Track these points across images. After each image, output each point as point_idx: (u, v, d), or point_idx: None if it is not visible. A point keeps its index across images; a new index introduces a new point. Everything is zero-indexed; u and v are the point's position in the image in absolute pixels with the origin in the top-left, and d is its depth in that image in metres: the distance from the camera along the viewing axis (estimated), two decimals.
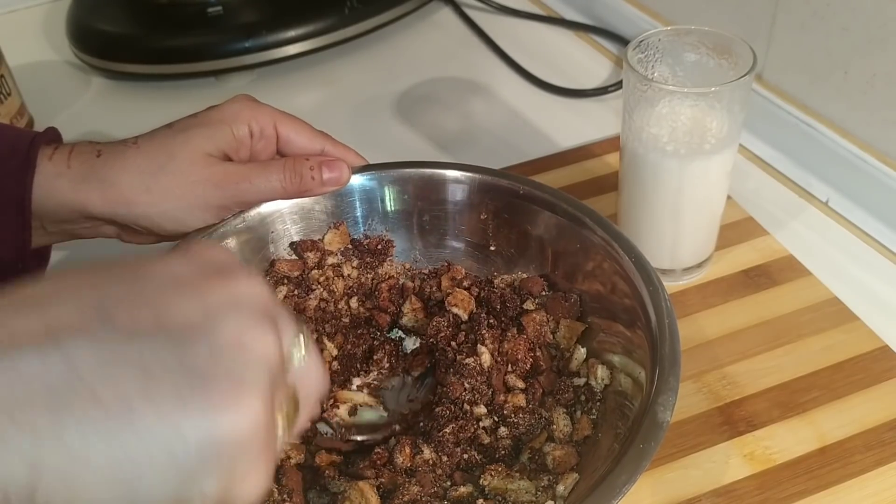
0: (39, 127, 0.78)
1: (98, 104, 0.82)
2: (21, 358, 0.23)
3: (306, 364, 0.29)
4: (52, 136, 0.48)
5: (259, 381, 0.25)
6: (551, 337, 0.49)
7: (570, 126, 0.73)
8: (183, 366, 0.24)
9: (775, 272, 0.56)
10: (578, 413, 0.45)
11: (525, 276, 0.52)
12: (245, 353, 0.25)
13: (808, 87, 0.64)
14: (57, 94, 0.84)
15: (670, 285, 0.56)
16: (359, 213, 0.54)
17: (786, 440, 0.46)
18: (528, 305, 0.50)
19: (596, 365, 0.46)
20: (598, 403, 0.45)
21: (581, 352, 0.48)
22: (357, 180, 0.52)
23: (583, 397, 0.46)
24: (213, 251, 0.29)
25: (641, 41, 0.51)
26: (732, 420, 0.48)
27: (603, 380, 0.46)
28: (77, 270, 0.26)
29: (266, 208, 0.50)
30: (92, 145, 0.47)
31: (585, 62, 0.82)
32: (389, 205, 0.54)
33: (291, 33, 0.80)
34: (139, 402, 0.23)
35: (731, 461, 0.46)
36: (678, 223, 0.54)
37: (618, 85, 0.76)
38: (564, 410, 0.46)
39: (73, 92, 0.84)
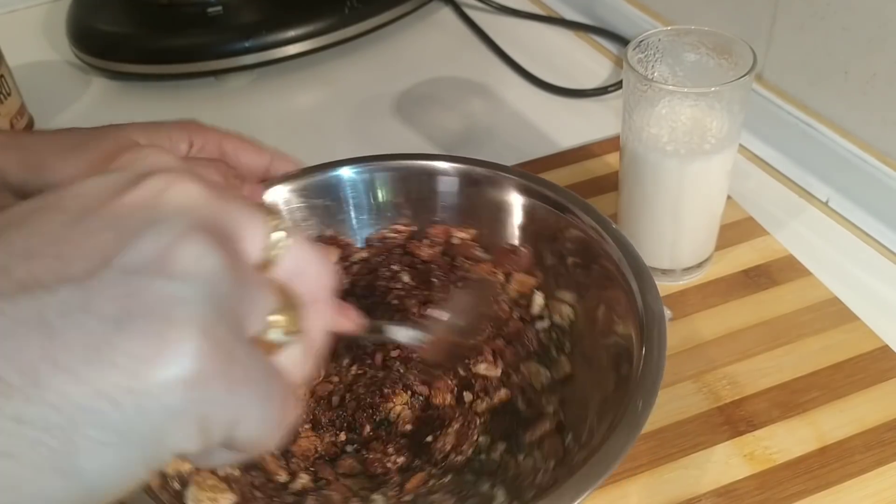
0: (40, 127, 0.78)
1: (98, 104, 0.82)
2: None
3: (293, 255, 0.25)
4: None
5: (191, 306, 0.21)
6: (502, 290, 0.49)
7: (570, 126, 0.73)
8: (92, 313, 0.20)
9: (775, 272, 0.56)
10: (554, 352, 0.47)
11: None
12: (169, 275, 0.21)
13: (808, 87, 0.64)
14: (57, 94, 0.84)
15: (670, 285, 0.56)
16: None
17: (786, 440, 0.46)
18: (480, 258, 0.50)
19: (559, 304, 0.48)
20: (570, 338, 0.47)
21: (539, 296, 0.49)
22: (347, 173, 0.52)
23: (554, 335, 0.47)
24: (147, 153, 0.25)
25: (641, 41, 0.51)
26: (732, 420, 0.48)
27: (568, 316, 0.47)
28: None
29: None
30: (27, 128, 0.47)
31: (585, 62, 0.82)
32: (381, 196, 0.53)
33: (291, 33, 0.80)
34: (45, 369, 0.19)
35: (731, 461, 0.46)
36: (678, 223, 0.54)
37: (618, 85, 0.76)
38: (536, 360, 0.47)
39: (73, 92, 0.84)
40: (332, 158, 0.55)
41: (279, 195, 0.50)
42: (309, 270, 0.25)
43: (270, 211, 0.25)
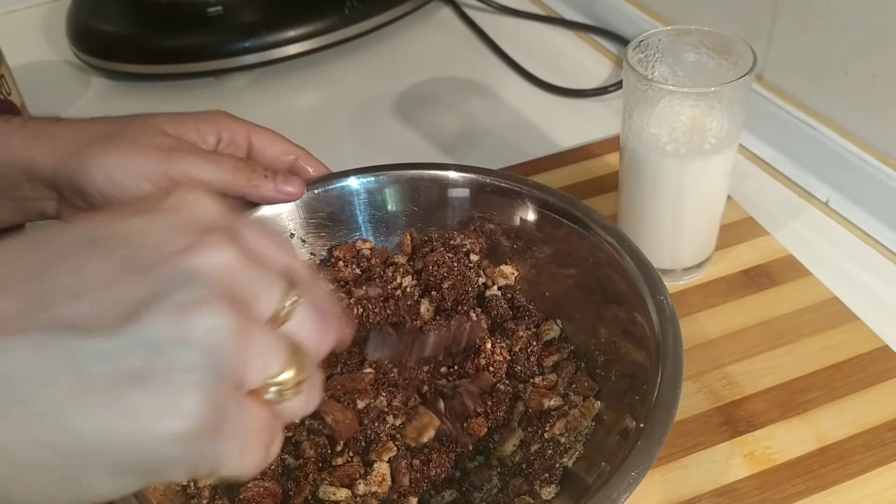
0: None
1: (98, 104, 0.82)
2: None
3: (305, 313, 0.27)
4: (5, 108, 0.48)
5: (198, 374, 0.23)
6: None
7: (570, 126, 0.73)
8: (116, 364, 0.23)
9: (775, 272, 0.56)
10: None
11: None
12: (184, 343, 0.23)
13: (808, 87, 0.64)
14: (57, 94, 0.84)
15: (670, 285, 0.56)
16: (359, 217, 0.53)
17: (786, 440, 0.46)
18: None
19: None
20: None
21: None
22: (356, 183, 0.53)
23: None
24: (193, 199, 0.27)
25: (641, 41, 0.51)
26: (732, 420, 0.48)
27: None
28: (26, 244, 0.25)
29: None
30: (54, 116, 0.46)
31: (585, 62, 0.82)
32: (390, 206, 0.54)
33: (291, 33, 0.80)
34: (71, 407, 0.22)
35: (731, 461, 0.46)
36: (678, 223, 0.54)
37: (618, 85, 0.76)
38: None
39: (73, 92, 0.84)
40: (333, 158, 0.55)
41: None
42: (309, 338, 0.28)
43: (290, 278, 0.27)
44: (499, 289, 0.52)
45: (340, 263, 0.52)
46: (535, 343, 0.48)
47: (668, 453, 0.46)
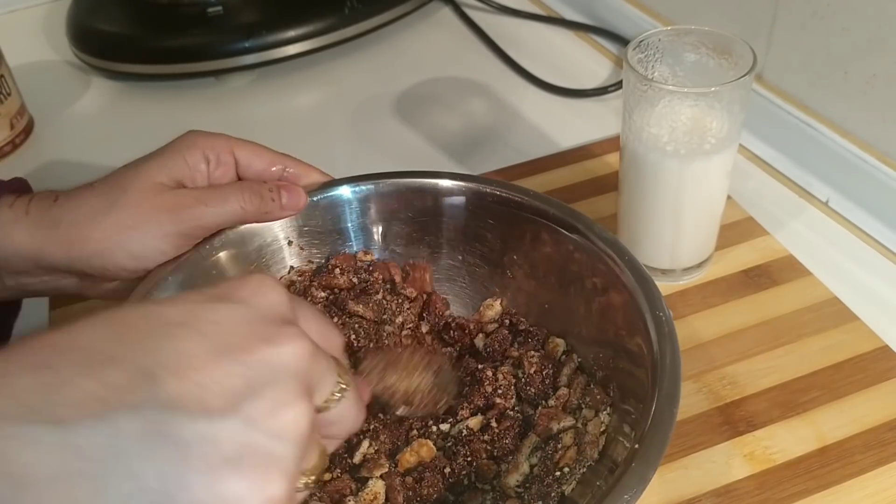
0: (40, 127, 0.79)
1: (98, 104, 0.82)
2: (77, 432, 0.23)
3: (342, 408, 0.30)
4: (17, 186, 0.47)
5: (283, 463, 0.26)
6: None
7: (570, 126, 0.73)
8: (216, 448, 0.25)
9: (775, 272, 0.56)
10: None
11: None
12: (275, 435, 0.26)
13: (808, 87, 0.64)
14: (57, 94, 0.84)
15: (670, 285, 0.56)
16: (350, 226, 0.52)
17: (786, 440, 0.46)
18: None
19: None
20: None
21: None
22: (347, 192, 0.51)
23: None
24: (265, 291, 0.29)
25: (641, 41, 0.51)
26: (732, 420, 0.48)
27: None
28: (123, 317, 0.27)
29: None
30: (51, 193, 0.45)
31: (585, 62, 0.82)
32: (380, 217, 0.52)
33: (291, 33, 0.80)
34: (174, 484, 0.24)
35: (731, 461, 0.46)
36: (678, 223, 0.54)
37: (618, 85, 0.76)
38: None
39: (73, 92, 0.84)
40: (333, 158, 0.54)
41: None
42: (344, 423, 0.31)
43: (341, 366, 0.31)
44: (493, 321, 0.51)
45: (337, 271, 0.51)
46: (547, 363, 0.47)
47: (668, 453, 0.45)
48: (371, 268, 0.52)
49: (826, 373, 0.50)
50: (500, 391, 0.46)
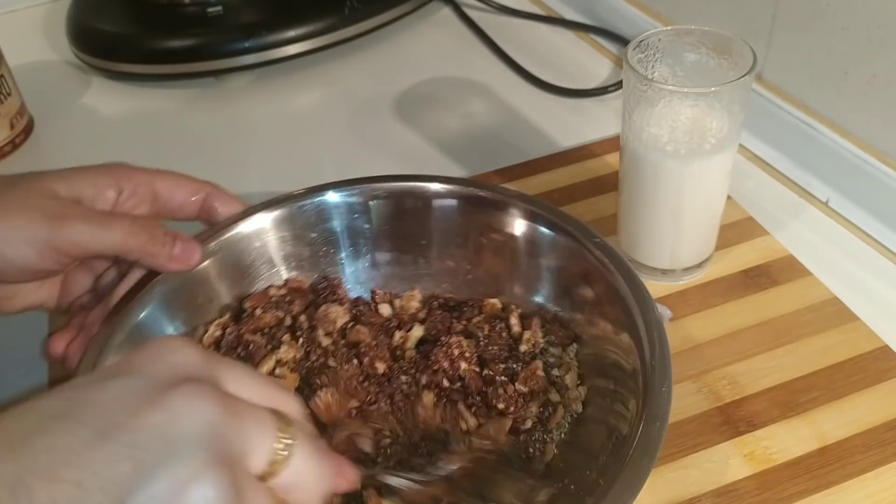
0: (40, 127, 0.79)
1: (98, 104, 0.82)
2: None
3: (293, 469, 0.26)
4: None
5: None
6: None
7: (570, 126, 0.73)
8: None
9: (775, 272, 0.56)
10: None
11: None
12: None
13: (808, 87, 0.64)
14: (57, 94, 0.84)
15: (670, 285, 0.56)
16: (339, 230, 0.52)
17: (786, 440, 0.46)
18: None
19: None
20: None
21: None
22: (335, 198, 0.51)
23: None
24: (166, 353, 0.25)
25: (641, 41, 0.51)
26: (732, 420, 0.48)
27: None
28: (4, 420, 0.23)
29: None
30: None
31: (585, 62, 0.82)
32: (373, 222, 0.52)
33: (291, 33, 0.80)
34: None
35: (731, 461, 0.45)
36: (678, 223, 0.54)
37: (618, 85, 0.76)
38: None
39: (73, 92, 0.84)
40: (333, 158, 0.54)
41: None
42: (306, 484, 0.27)
43: (282, 418, 0.26)
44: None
45: (258, 311, 0.49)
46: (494, 320, 0.49)
47: (668, 453, 0.46)
48: (288, 298, 0.51)
49: (826, 373, 0.50)
50: (465, 355, 0.47)
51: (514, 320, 0.49)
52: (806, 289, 0.55)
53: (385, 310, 0.52)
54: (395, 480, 0.41)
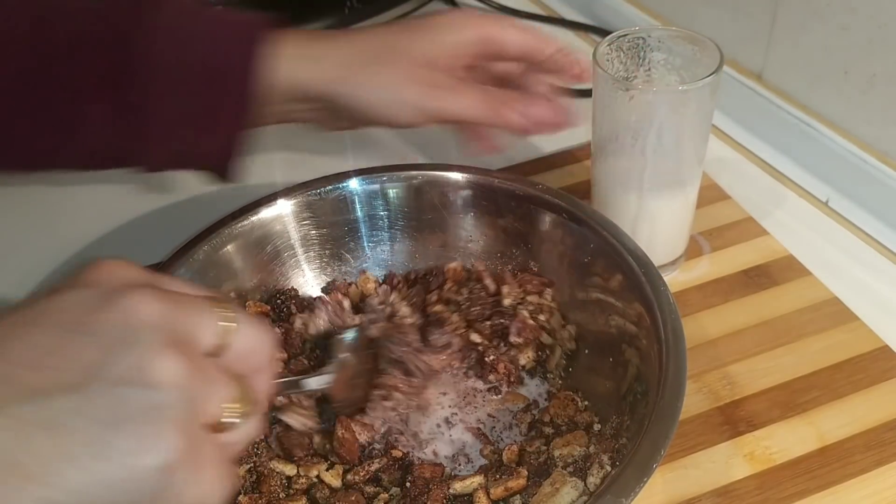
0: None
1: None
2: None
3: (242, 337, 0.30)
4: (267, 22, 0.50)
5: (167, 410, 0.26)
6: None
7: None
8: (88, 417, 0.25)
9: (775, 272, 0.56)
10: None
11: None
12: (147, 386, 0.26)
13: (808, 87, 0.64)
14: None
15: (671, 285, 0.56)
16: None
17: (786, 440, 0.46)
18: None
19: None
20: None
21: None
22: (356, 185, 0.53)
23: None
24: (114, 269, 0.29)
25: (610, 41, 0.51)
26: (732, 420, 0.48)
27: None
28: None
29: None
30: (309, 31, 0.49)
31: (585, 62, 0.82)
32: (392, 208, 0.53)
33: None
34: (59, 463, 0.25)
35: (731, 461, 0.46)
36: (653, 219, 0.54)
37: None
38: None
39: None
40: (333, 158, 0.54)
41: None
42: (255, 346, 0.31)
43: (218, 302, 0.30)
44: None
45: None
46: (464, 282, 0.51)
47: (668, 453, 0.45)
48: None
49: (826, 373, 0.50)
50: (458, 330, 0.49)
51: (487, 280, 0.51)
52: (806, 289, 0.55)
53: (346, 304, 0.52)
54: (313, 382, 0.43)
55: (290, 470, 0.44)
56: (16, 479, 0.24)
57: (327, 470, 0.43)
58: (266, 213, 0.50)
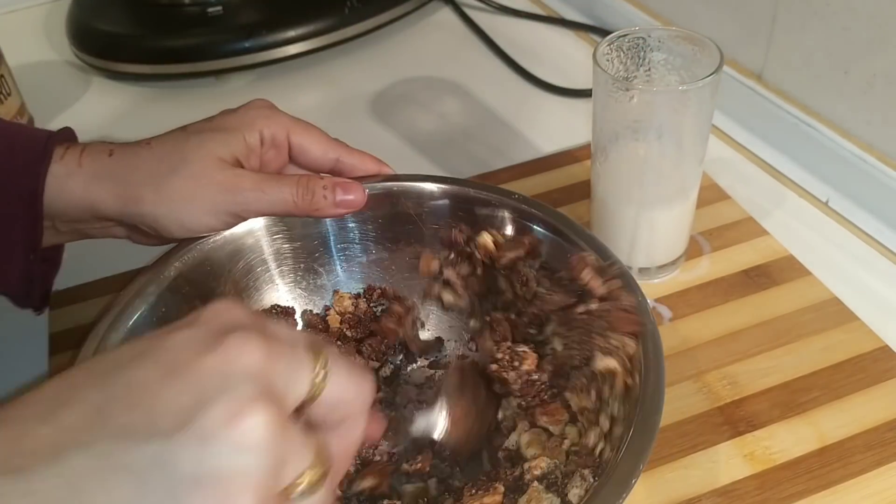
0: (39, 126, 0.78)
1: (98, 104, 0.82)
2: (33, 478, 0.24)
3: (333, 389, 0.29)
4: (66, 136, 0.48)
5: (245, 477, 0.25)
6: None
7: (571, 125, 0.73)
8: (173, 469, 0.25)
9: (775, 272, 0.56)
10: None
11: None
12: (232, 445, 0.25)
13: (808, 87, 0.64)
14: (57, 94, 0.84)
15: (670, 285, 0.56)
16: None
17: (786, 440, 0.46)
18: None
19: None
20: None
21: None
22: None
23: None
24: (221, 310, 0.29)
25: (611, 41, 0.51)
26: (732, 420, 0.48)
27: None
28: (83, 366, 0.27)
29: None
30: (104, 145, 0.46)
31: (586, 62, 0.82)
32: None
33: (291, 33, 0.80)
34: None
35: (731, 461, 0.46)
36: (651, 220, 0.54)
37: None
38: None
39: (73, 92, 0.84)
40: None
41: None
42: (347, 397, 0.30)
43: (316, 350, 0.30)
44: None
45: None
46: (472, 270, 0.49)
47: (668, 453, 0.46)
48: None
49: (826, 373, 0.50)
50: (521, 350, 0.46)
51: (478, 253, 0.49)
52: (806, 289, 0.55)
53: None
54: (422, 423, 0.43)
55: None
56: None
57: None
58: (238, 228, 0.49)
